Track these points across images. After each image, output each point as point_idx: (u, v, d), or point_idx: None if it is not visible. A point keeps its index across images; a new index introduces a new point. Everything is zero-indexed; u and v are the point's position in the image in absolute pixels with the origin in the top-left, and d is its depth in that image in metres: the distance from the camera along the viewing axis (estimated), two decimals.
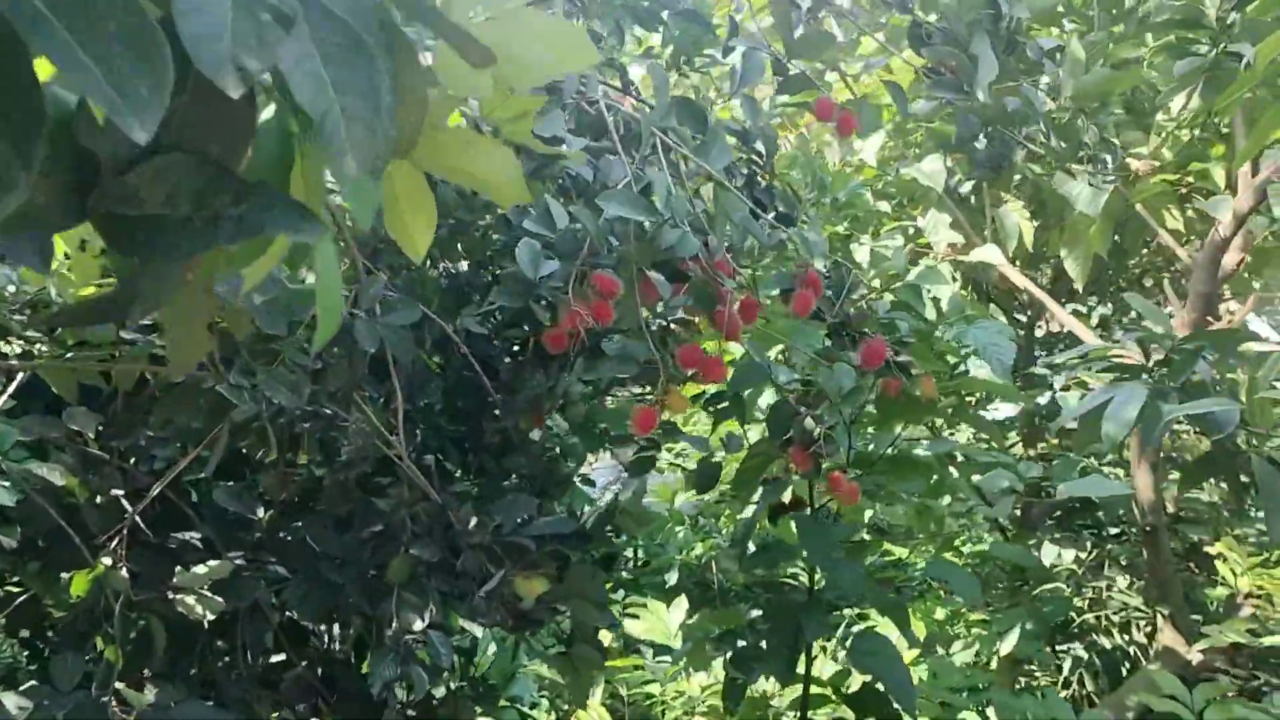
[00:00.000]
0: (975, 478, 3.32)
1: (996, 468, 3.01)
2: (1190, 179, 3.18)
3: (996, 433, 3.86)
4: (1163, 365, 1.54)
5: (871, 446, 2.69)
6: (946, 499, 4.39)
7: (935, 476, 2.67)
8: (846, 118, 2.04)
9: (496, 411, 2.30)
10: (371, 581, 2.08)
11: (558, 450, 2.82)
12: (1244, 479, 1.61)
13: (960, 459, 3.23)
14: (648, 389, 2.09)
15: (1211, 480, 3.65)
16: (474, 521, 1.97)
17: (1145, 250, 3.95)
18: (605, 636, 2.77)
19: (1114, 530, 4.46)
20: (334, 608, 2.13)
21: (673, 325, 1.88)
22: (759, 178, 2.38)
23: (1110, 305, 4.43)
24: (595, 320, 1.63)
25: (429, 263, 2.55)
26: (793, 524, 3.87)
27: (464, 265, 2.56)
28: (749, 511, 4.15)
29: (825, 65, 2.31)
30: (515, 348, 2.42)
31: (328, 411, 2.05)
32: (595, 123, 1.97)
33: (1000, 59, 2.06)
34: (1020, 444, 4.88)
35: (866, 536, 3.50)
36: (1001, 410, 5.26)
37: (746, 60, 2.26)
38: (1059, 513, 4.26)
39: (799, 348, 2.20)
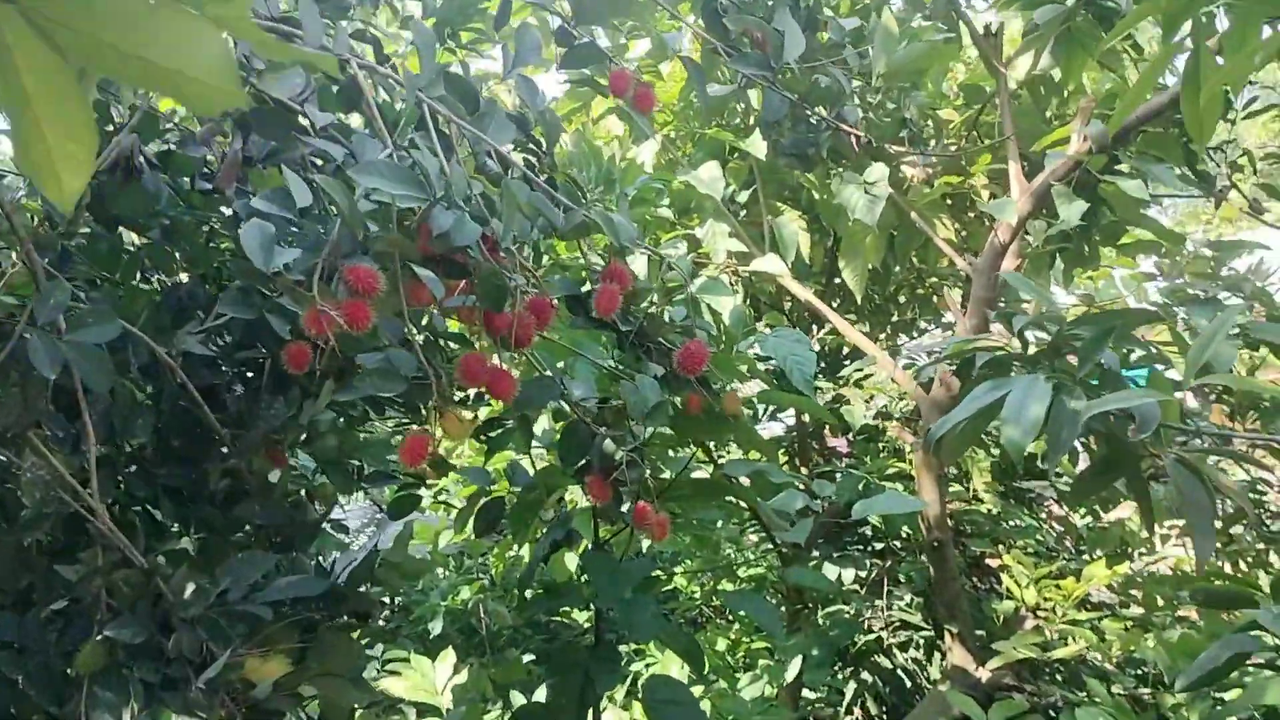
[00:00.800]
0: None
1: (789, 488, 2.82)
2: (970, 183, 3.14)
3: (772, 450, 3.72)
4: (1049, 354, 1.35)
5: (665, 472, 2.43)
6: (720, 523, 4.23)
7: (735, 501, 2.44)
8: (645, 92, 1.76)
9: (225, 450, 1.87)
10: (57, 673, 1.61)
11: (303, 493, 2.39)
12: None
13: (748, 479, 3.03)
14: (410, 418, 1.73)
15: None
16: (190, 589, 1.54)
17: (916, 261, 3.93)
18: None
19: (878, 546, 4.43)
20: (8, 709, 1.64)
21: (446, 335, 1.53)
22: (536, 170, 2.07)
23: (887, 318, 4.42)
24: (348, 325, 1.27)
25: (139, 275, 2.09)
26: (569, 559, 3.58)
27: (184, 277, 2.11)
28: (526, 550, 3.81)
29: (620, 30, 2.03)
30: (251, 374, 1.99)
31: None
32: (347, 93, 1.60)
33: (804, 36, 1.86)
34: (790, 462, 4.81)
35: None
36: (770, 427, 5.20)
37: (521, 36, 1.95)
38: (832, 531, 4.18)
39: (591, 360, 1.90)
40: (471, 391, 1.91)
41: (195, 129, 1.74)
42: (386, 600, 4.87)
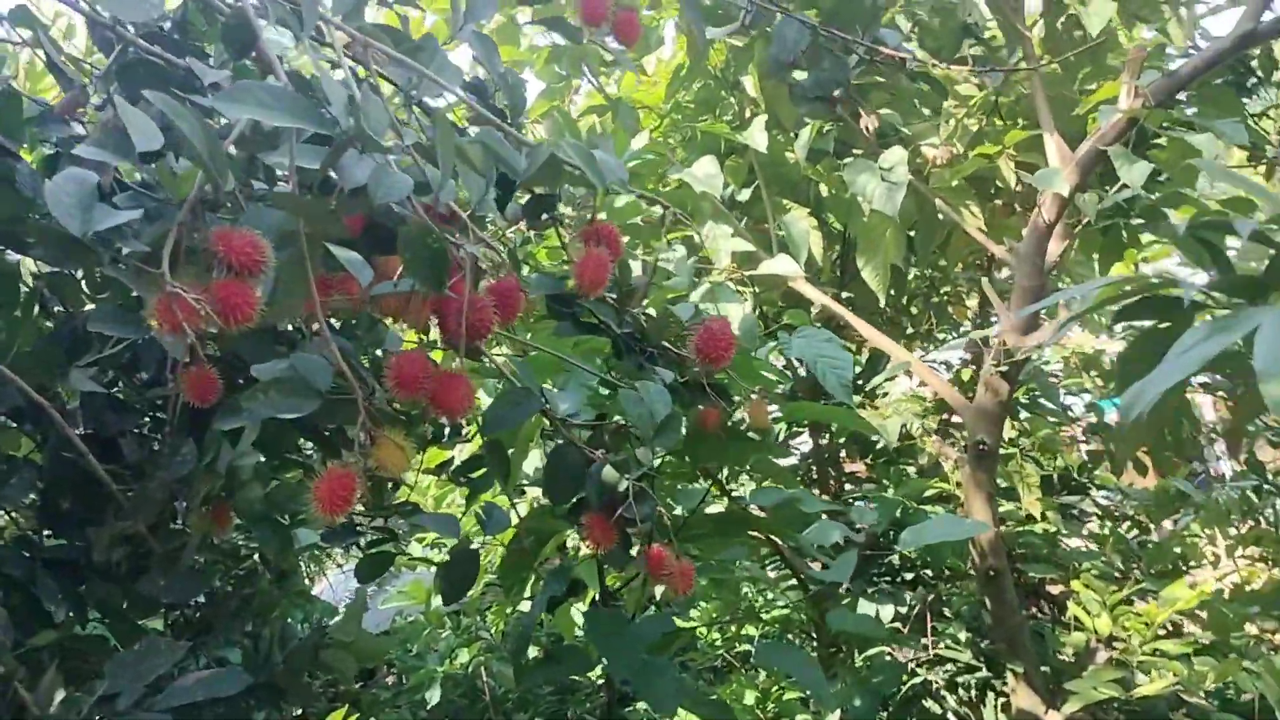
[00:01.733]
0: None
1: (822, 517, 2.42)
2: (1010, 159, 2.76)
3: (791, 479, 3.32)
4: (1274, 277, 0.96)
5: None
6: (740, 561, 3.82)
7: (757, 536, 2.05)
8: (629, 19, 1.39)
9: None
10: None
11: (256, 558, 1.99)
12: None
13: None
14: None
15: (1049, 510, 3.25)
16: (59, 698, 1.14)
17: (935, 261, 3.56)
18: None
19: (909, 576, 4.02)
20: None
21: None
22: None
23: (900, 330, 4.04)
24: (222, 316, 0.88)
25: (35, 307, 1.70)
26: (575, 611, 3.17)
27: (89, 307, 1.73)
28: (525, 605, 3.40)
29: None
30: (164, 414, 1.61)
31: None
32: (234, 30, 1.23)
33: None
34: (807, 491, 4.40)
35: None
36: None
37: None
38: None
39: (584, 369, 1.52)
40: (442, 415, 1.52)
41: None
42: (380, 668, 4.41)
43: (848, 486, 4.53)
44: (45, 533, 1.53)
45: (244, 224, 0.94)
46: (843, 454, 4.37)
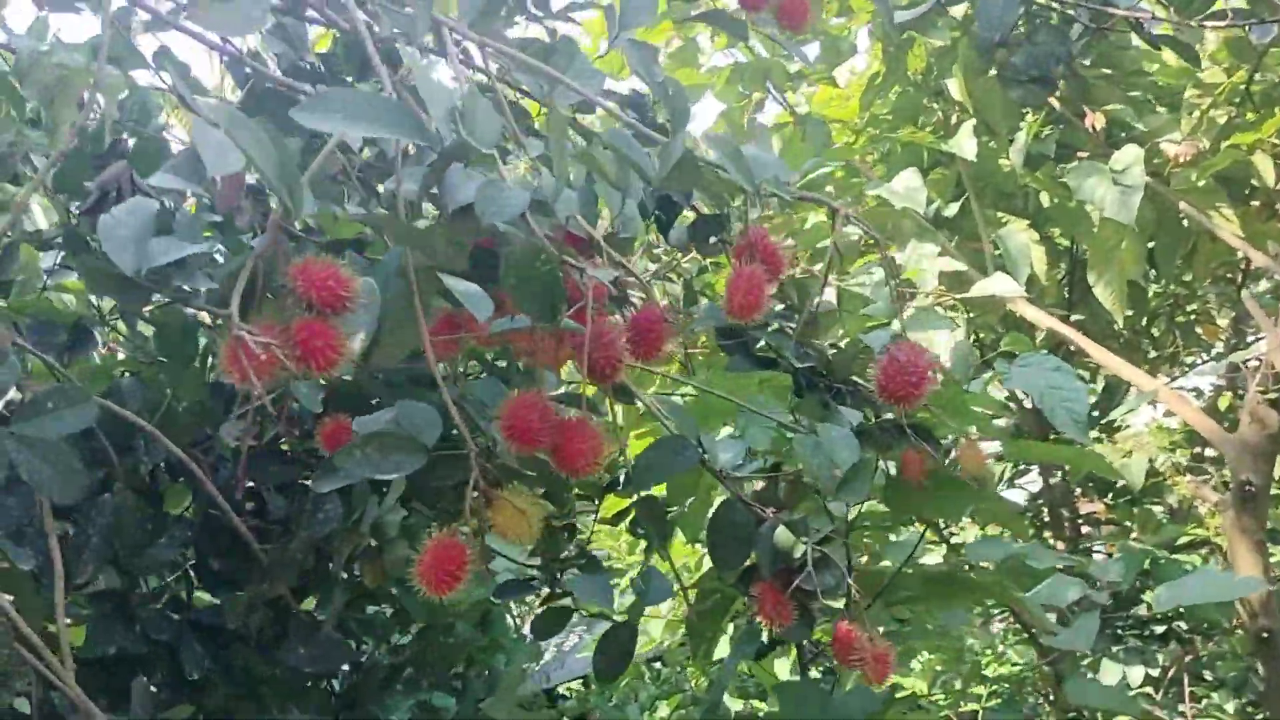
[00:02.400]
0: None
1: (1057, 573, 2.11)
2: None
3: (1021, 525, 2.97)
4: None
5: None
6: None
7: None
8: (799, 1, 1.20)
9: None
10: None
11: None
12: None
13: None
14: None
15: None
16: None
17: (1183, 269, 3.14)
18: None
19: (1159, 629, 3.55)
20: None
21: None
22: None
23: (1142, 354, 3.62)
24: (303, 363, 0.75)
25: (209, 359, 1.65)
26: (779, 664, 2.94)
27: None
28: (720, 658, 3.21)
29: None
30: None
31: None
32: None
33: None
34: (1039, 535, 4.00)
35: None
36: (1009, 496, 4.38)
37: None
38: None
39: (754, 411, 1.32)
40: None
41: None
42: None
43: (1085, 529, 4.10)
44: (196, 592, 1.46)
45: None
46: (1078, 492, 3.96)
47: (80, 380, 1.43)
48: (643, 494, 1.26)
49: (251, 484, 1.46)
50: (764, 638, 1.77)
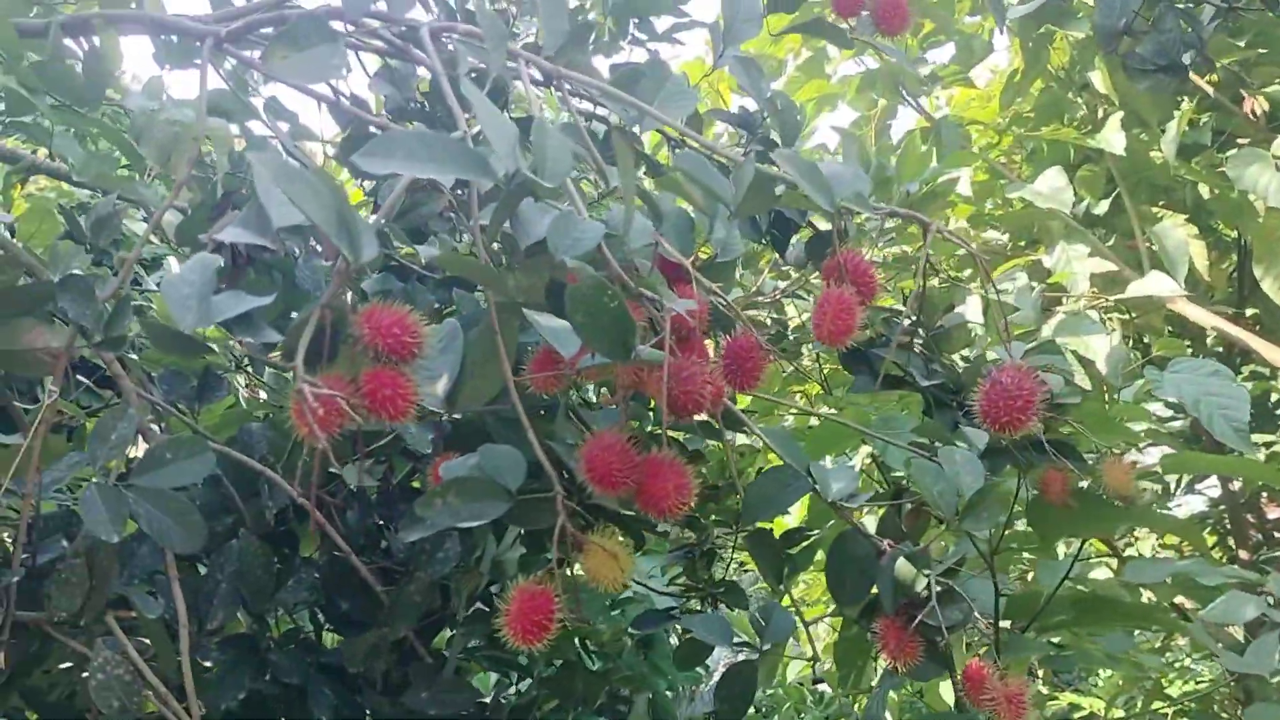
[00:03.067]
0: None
1: (1229, 589, 1.93)
2: None
3: (1196, 533, 2.75)
4: None
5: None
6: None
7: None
8: (893, 1, 1.13)
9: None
10: None
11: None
12: None
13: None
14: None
15: None
16: None
17: None
18: None
19: None
20: None
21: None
22: None
23: None
24: (373, 413, 0.74)
25: None
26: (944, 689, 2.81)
27: None
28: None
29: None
30: None
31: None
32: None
33: None
34: (1221, 544, 3.71)
35: None
36: (1188, 502, 4.09)
37: (731, 2, 1.40)
38: None
39: (878, 437, 1.25)
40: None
41: None
42: None
43: (1276, 534, 3.79)
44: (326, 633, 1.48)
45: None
46: (1264, 497, 3.67)
47: (211, 428, 1.48)
48: (756, 527, 1.21)
49: (381, 523, 1.48)
50: None
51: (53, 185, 1.66)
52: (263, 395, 1.97)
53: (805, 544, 1.57)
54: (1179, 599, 2.21)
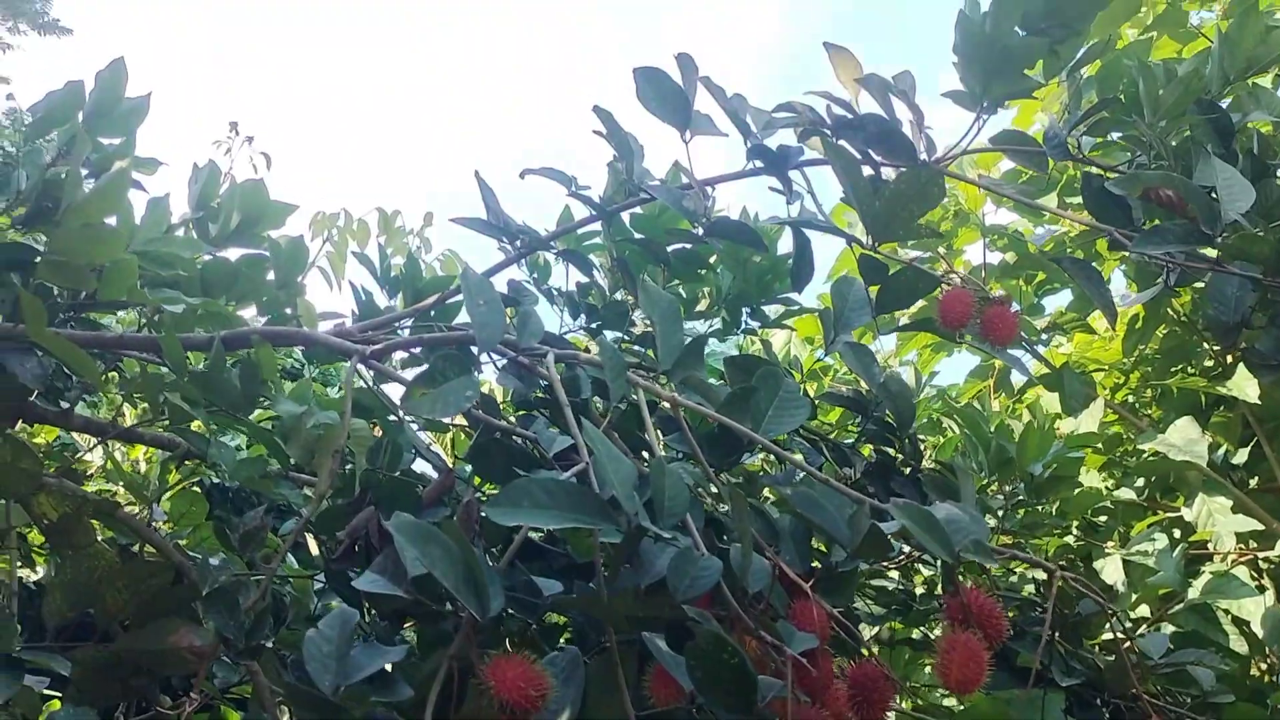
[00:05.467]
0: None
1: None
2: None
3: None
4: None
5: None
6: None
7: None
8: (999, 314, 1.16)
9: None
10: None
11: None
12: None
13: None
14: None
15: None
16: None
17: None
18: None
19: None
20: None
21: None
22: (896, 461, 1.49)
23: None
24: None
25: None
26: None
27: None
28: None
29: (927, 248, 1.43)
30: None
31: None
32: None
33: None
34: None
35: None
36: None
37: (843, 290, 1.46)
38: None
39: None
40: None
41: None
42: None
43: None
44: None
45: None
46: None
47: None
48: None
49: None
50: None
51: (200, 468, 1.77)
52: None
53: None
54: None
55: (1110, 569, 2.20)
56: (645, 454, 1.14)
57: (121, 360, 1.59)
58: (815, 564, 1.02)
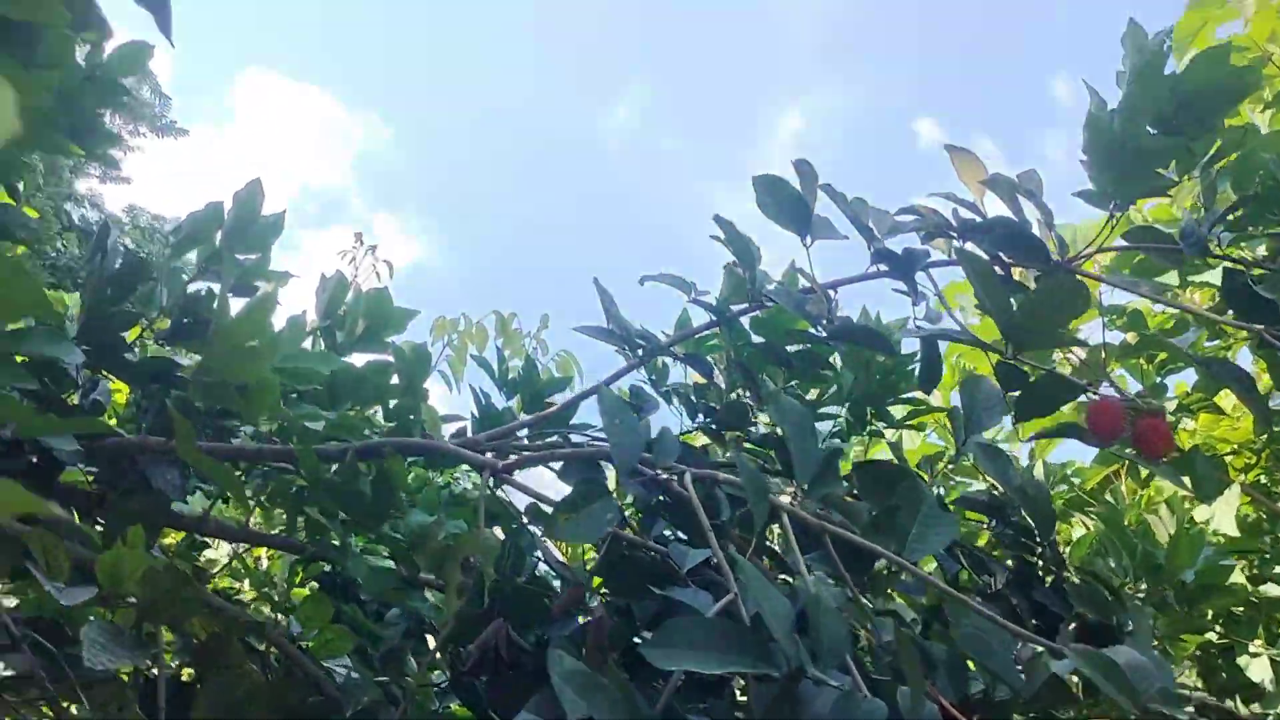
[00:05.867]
0: None
1: None
2: None
3: None
4: None
5: None
6: None
7: None
8: (1153, 426, 1.12)
9: None
10: None
11: None
12: None
13: None
14: None
15: None
16: None
17: None
18: None
19: None
20: None
21: None
22: (1037, 570, 1.44)
23: None
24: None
25: None
26: None
27: None
28: None
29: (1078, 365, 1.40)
30: None
31: None
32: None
33: None
34: None
35: None
36: None
37: (971, 390, 1.43)
38: None
39: None
40: None
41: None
42: None
43: None
44: None
45: None
46: None
47: None
48: None
49: None
50: None
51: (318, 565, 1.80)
52: None
53: None
54: None
55: (1257, 667, 2.10)
56: (787, 578, 1.13)
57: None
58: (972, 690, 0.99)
